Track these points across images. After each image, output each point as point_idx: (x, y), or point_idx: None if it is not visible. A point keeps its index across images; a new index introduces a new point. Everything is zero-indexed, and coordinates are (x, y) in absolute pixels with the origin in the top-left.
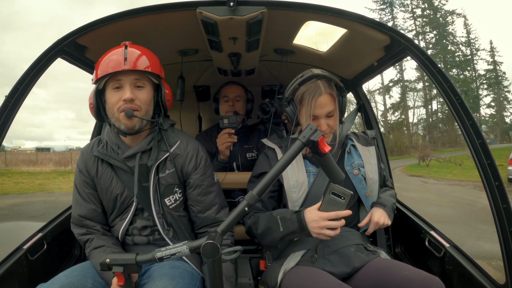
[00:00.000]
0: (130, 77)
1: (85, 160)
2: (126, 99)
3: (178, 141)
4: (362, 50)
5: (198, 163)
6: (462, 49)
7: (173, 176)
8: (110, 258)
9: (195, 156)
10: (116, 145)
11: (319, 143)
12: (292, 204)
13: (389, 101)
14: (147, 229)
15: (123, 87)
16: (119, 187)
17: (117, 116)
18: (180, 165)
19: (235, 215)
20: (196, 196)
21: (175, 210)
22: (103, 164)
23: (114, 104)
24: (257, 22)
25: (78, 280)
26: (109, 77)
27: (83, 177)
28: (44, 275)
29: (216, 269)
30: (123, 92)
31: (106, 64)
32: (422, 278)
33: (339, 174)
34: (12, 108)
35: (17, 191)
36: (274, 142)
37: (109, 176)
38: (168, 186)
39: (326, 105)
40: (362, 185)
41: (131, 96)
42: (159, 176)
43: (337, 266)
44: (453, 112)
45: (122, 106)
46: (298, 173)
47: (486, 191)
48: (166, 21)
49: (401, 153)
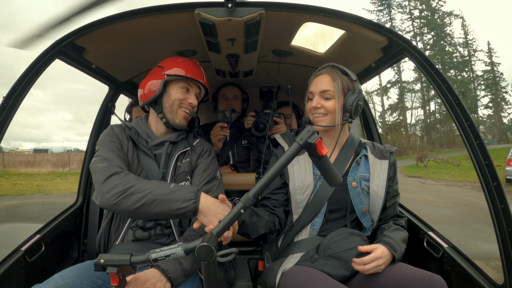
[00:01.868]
0: (197, 89)
1: (117, 133)
2: (193, 105)
3: (198, 140)
4: (360, 51)
5: (208, 155)
6: (459, 50)
7: (188, 165)
8: (104, 259)
9: (208, 151)
10: (146, 134)
11: (317, 146)
12: (296, 205)
13: (387, 102)
14: (151, 221)
15: (190, 92)
16: (139, 170)
17: (175, 110)
18: (196, 157)
19: (230, 217)
20: (196, 181)
21: None
22: (129, 144)
23: (178, 100)
24: (255, 23)
25: (74, 281)
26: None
27: (117, 141)
28: (41, 277)
29: (211, 272)
30: (190, 96)
31: (190, 70)
32: (425, 277)
33: (337, 177)
34: (10, 109)
35: (15, 192)
36: (286, 139)
37: (134, 157)
38: (182, 173)
39: (322, 83)
40: (359, 199)
41: (195, 103)
42: (177, 165)
43: (336, 269)
44: (451, 113)
45: (186, 105)
46: (304, 176)
47: (484, 192)
48: (164, 22)
49: (399, 154)
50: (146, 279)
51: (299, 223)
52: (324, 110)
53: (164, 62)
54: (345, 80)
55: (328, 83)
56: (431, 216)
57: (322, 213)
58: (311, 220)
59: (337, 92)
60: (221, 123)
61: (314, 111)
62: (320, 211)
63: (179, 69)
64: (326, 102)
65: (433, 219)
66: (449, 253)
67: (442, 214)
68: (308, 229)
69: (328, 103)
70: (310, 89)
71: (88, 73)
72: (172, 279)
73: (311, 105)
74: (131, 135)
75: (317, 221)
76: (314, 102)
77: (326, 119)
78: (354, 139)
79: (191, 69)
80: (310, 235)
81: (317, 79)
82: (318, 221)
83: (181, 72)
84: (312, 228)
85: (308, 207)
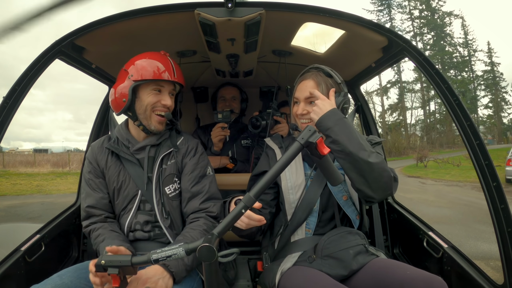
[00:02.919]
0: (170, 87)
1: (95, 152)
2: (168, 106)
3: (181, 138)
4: (360, 52)
5: (194, 154)
6: (459, 50)
7: (174, 167)
8: (105, 260)
9: (194, 148)
10: (127, 140)
11: (318, 145)
12: (289, 205)
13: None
14: (149, 224)
15: (162, 93)
16: (125, 179)
17: (149, 115)
18: (181, 156)
19: (232, 217)
20: (185, 183)
21: (173, 199)
22: (112, 157)
23: (150, 104)
24: (255, 23)
25: (72, 281)
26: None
27: (92, 167)
28: (41, 277)
29: (212, 272)
30: (163, 97)
31: (158, 69)
32: (425, 278)
33: (338, 176)
34: (10, 109)
35: (15, 192)
36: (275, 142)
37: (117, 167)
38: (168, 176)
39: (307, 88)
40: (338, 189)
41: (172, 104)
42: (162, 168)
43: (335, 269)
44: (451, 113)
45: (160, 108)
46: (296, 176)
47: (484, 192)
48: (164, 23)
49: (399, 154)
50: (148, 277)
51: (293, 223)
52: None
53: (129, 64)
54: (330, 83)
55: (313, 88)
56: (431, 216)
57: (315, 211)
58: (305, 218)
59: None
60: (222, 124)
61: (301, 117)
62: (313, 210)
63: (146, 71)
64: (312, 107)
65: (433, 219)
66: (449, 253)
67: (442, 214)
68: (304, 228)
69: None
70: (295, 95)
71: (88, 73)
72: (174, 274)
73: (297, 111)
74: (110, 147)
75: (312, 220)
76: (300, 109)
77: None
78: None
79: (158, 67)
80: (307, 234)
81: (302, 85)
82: (313, 220)
83: (148, 74)
84: (308, 227)
85: (300, 206)
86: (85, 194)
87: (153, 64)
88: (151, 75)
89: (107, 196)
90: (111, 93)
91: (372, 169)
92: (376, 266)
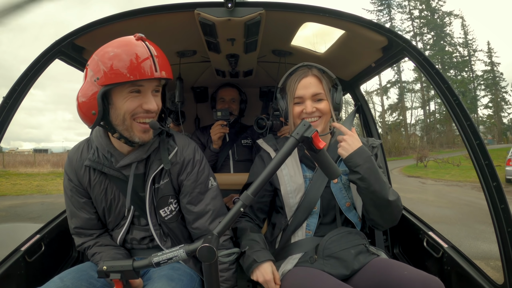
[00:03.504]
0: (153, 83)
1: (74, 168)
2: (152, 110)
3: (175, 148)
4: (360, 51)
5: (192, 168)
6: (459, 50)
7: (168, 187)
8: (107, 265)
9: (191, 162)
10: (108, 153)
11: (313, 139)
12: (289, 209)
13: (386, 102)
14: (146, 239)
15: (143, 94)
16: (114, 196)
17: (129, 124)
18: (176, 173)
19: (230, 216)
20: (186, 205)
21: (170, 221)
22: (95, 172)
23: (129, 111)
24: (255, 23)
25: (73, 283)
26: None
27: (74, 186)
28: (41, 277)
29: (213, 273)
30: (144, 100)
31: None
32: (422, 278)
33: (336, 170)
34: (10, 109)
35: (15, 192)
36: (270, 144)
37: (103, 185)
38: (162, 198)
39: (312, 85)
40: (341, 195)
41: (157, 107)
42: (155, 187)
43: (336, 269)
44: (451, 113)
45: (142, 115)
46: (295, 179)
47: (484, 192)
48: (164, 22)
49: (399, 154)
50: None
51: (293, 224)
52: (319, 113)
53: (92, 60)
54: (326, 78)
55: (317, 85)
56: (431, 216)
57: (316, 213)
58: (304, 219)
59: (327, 92)
60: (221, 121)
61: (309, 116)
62: (314, 212)
63: (117, 70)
64: (319, 104)
65: (433, 219)
66: (449, 253)
67: (442, 214)
68: (304, 229)
69: (321, 105)
70: (298, 94)
71: None
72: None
73: (301, 110)
74: (91, 164)
75: (313, 222)
76: (308, 107)
77: (321, 122)
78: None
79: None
80: (307, 235)
81: (304, 82)
82: (313, 221)
83: (119, 76)
84: (308, 228)
85: (300, 208)
86: (70, 213)
87: (124, 57)
88: (126, 75)
89: (95, 216)
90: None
91: (389, 205)
92: (375, 266)
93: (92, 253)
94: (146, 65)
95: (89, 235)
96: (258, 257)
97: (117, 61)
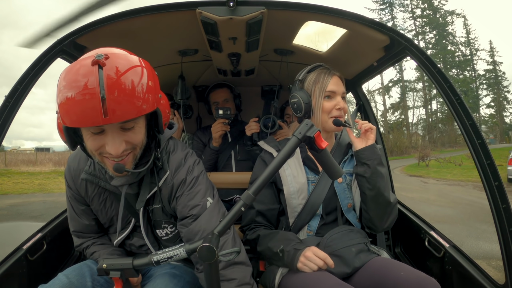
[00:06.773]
0: (115, 124)
1: (72, 177)
2: (115, 155)
3: (167, 173)
4: (362, 50)
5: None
6: (461, 49)
7: (159, 212)
8: (106, 263)
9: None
10: (103, 169)
11: (316, 139)
12: (292, 210)
13: (388, 101)
14: (145, 246)
15: (106, 134)
16: (114, 208)
17: (100, 160)
18: (166, 199)
19: (231, 215)
20: (179, 226)
21: (168, 242)
22: (93, 184)
23: (94, 149)
24: (257, 22)
25: (78, 280)
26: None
27: (73, 194)
28: (43, 275)
29: (213, 273)
30: (108, 141)
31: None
32: (419, 279)
33: (338, 170)
34: (12, 108)
35: (17, 191)
36: (271, 145)
37: (102, 197)
38: (156, 221)
39: (341, 84)
40: (345, 195)
41: (119, 153)
42: (147, 209)
43: (338, 267)
44: (453, 112)
45: (108, 155)
46: (298, 179)
47: (485, 191)
48: (166, 21)
49: (401, 153)
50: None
51: (296, 226)
52: (345, 111)
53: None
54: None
55: (342, 85)
56: (432, 215)
57: (318, 215)
58: (307, 222)
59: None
60: (222, 120)
61: (339, 112)
62: (316, 214)
63: (64, 115)
64: (344, 103)
65: (434, 219)
66: (451, 252)
67: (444, 214)
68: (305, 230)
69: (345, 104)
70: (330, 89)
71: None
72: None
73: (332, 105)
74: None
75: (314, 223)
76: (341, 103)
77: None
78: (345, 138)
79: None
80: (308, 235)
81: (335, 80)
82: (314, 223)
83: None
84: (309, 229)
85: (304, 210)
86: (70, 216)
87: (69, 102)
88: (73, 121)
89: (95, 222)
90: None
91: (389, 205)
92: (374, 265)
93: (91, 252)
94: (94, 110)
95: (88, 238)
96: (299, 245)
97: (64, 104)
